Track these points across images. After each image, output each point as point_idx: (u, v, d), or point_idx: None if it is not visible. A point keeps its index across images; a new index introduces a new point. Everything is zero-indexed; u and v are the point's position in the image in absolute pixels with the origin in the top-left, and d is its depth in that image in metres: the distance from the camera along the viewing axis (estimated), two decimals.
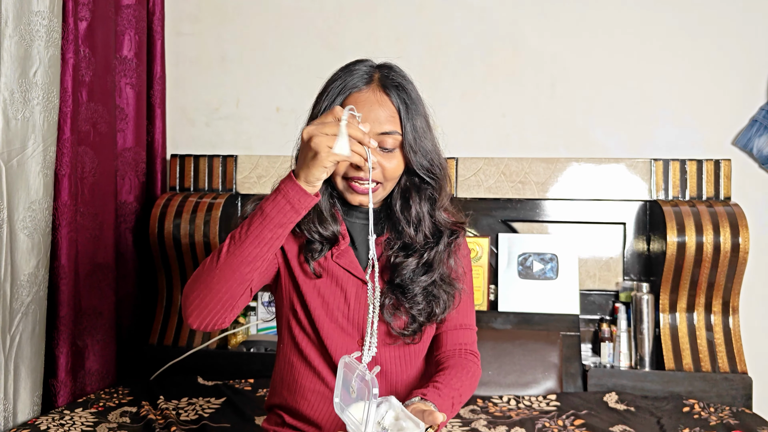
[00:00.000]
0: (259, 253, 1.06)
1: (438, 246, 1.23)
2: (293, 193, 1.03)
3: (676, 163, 2.27)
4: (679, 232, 2.10)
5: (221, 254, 1.07)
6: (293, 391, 1.24)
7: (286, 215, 1.04)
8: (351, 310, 1.21)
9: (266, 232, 1.05)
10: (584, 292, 2.31)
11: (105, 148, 2.22)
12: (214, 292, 1.08)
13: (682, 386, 2.06)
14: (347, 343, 1.20)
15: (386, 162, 1.17)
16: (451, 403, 1.13)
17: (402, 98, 1.18)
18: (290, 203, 1.03)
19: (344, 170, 1.17)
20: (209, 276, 1.08)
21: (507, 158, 2.35)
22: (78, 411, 1.83)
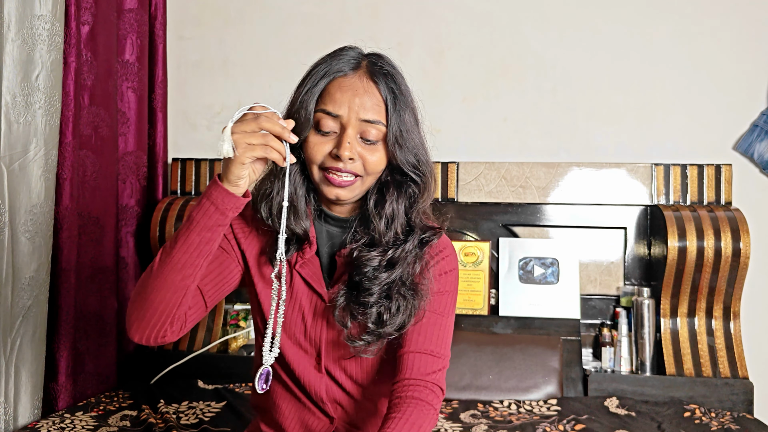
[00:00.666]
0: (188, 259, 1.00)
1: (405, 244, 1.12)
2: (216, 194, 0.98)
3: (677, 167, 2.27)
4: (680, 237, 2.10)
5: (154, 264, 1.02)
6: (265, 399, 1.25)
7: (212, 218, 0.99)
8: (308, 328, 1.16)
9: (193, 236, 0.99)
10: (585, 296, 2.31)
11: (106, 152, 2.22)
12: (149, 302, 1.02)
13: (682, 391, 2.05)
14: (305, 361, 1.17)
15: (368, 154, 1.08)
16: None
17: (390, 87, 1.09)
18: (215, 205, 0.98)
19: (322, 160, 1.09)
20: (143, 287, 1.03)
21: (508, 163, 2.35)
22: (78, 414, 1.83)
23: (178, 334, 1.08)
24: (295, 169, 1.13)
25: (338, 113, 1.08)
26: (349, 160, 1.07)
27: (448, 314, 1.17)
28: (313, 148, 1.09)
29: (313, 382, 1.17)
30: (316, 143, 1.09)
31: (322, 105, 1.09)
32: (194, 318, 1.10)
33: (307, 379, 1.17)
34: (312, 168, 1.10)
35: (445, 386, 1.14)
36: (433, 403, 1.09)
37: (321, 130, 1.09)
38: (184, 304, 1.04)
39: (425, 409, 1.07)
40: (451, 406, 1.99)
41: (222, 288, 1.15)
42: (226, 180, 0.98)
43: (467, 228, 2.37)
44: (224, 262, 1.15)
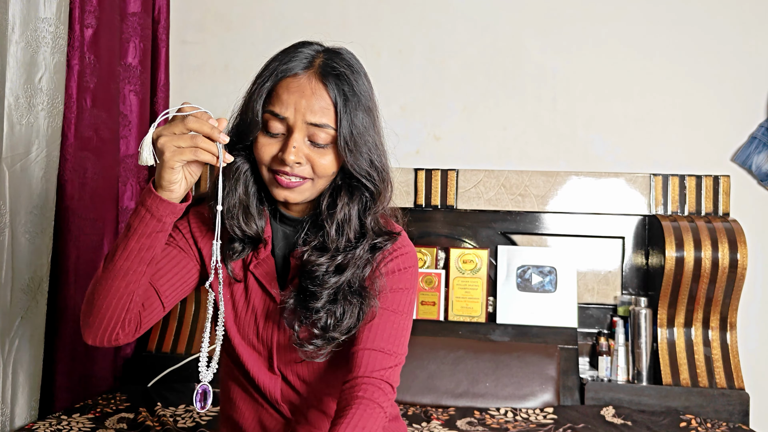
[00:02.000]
0: (129, 266, 0.99)
1: (356, 250, 1.11)
2: (150, 200, 0.96)
3: (675, 178, 2.28)
4: (677, 247, 2.10)
5: (98, 270, 1.02)
6: (226, 398, 1.25)
7: (149, 225, 0.97)
8: (261, 330, 1.16)
9: (132, 244, 0.98)
10: (582, 305, 2.32)
11: (107, 155, 2.23)
12: (96, 308, 1.02)
13: (678, 401, 2.06)
14: (259, 362, 1.17)
15: (317, 157, 1.06)
16: None
17: (341, 89, 1.05)
18: (150, 212, 0.96)
19: (269, 162, 1.07)
20: (91, 293, 1.03)
21: (507, 171, 2.36)
22: (75, 416, 1.83)
23: (133, 336, 1.07)
24: (246, 168, 1.11)
25: (284, 115, 1.05)
26: (296, 164, 1.05)
27: (402, 312, 1.14)
28: (261, 149, 1.07)
29: (268, 383, 1.18)
30: (263, 144, 1.07)
31: (269, 106, 1.06)
32: (150, 319, 1.09)
33: (262, 380, 1.17)
34: (261, 169, 1.09)
35: (397, 383, 1.12)
36: (380, 402, 1.06)
37: (269, 132, 1.06)
38: (132, 308, 1.03)
39: (372, 409, 1.04)
40: (447, 413, 2.00)
41: (180, 288, 1.14)
42: (159, 186, 0.96)
43: (466, 235, 2.38)
44: (181, 261, 1.14)
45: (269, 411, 1.21)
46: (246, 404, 1.21)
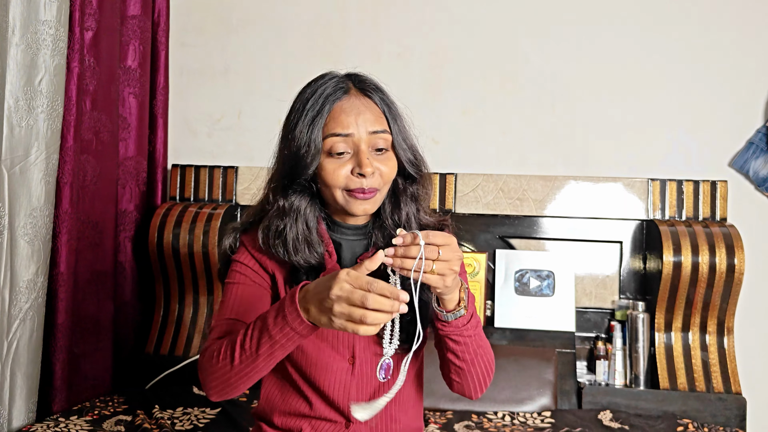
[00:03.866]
0: (271, 364, 1.06)
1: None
2: (302, 328, 0.99)
3: (673, 183, 2.29)
4: (675, 252, 2.11)
5: (234, 361, 1.05)
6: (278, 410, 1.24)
7: (294, 341, 1.02)
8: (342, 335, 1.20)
9: (277, 353, 1.03)
10: (580, 309, 2.32)
11: (107, 157, 2.23)
12: (235, 386, 1.09)
13: (676, 405, 2.06)
14: (336, 362, 1.19)
15: (382, 165, 1.15)
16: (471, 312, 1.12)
17: (383, 99, 1.18)
18: (299, 334, 1.00)
19: (345, 183, 1.14)
20: (226, 375, 1.07)
21: (506, 175, 2.37)
22: (73, 419, 1.83)
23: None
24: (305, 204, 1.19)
25: (349, 132, 1.13)
26: (371, 174, 1.13)
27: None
28: (333, 173, 1.14)
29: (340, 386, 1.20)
30: (335, 168, 1.14)
31: (329, 131, 1.14)
32: None
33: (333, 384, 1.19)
34: (335, 192, 1.15)
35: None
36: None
37: (334, 153, 1.14)
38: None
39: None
40: (445, 416, 2.00)
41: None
42: (315, 320, 0.97)
43: (464, 239, 2.38)
44: (263, 296, 1.22)
45: (329, 414, 1.21)
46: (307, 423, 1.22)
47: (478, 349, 1.15)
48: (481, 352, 1.16)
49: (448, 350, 1.15)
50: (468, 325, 1.11)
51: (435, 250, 0.98)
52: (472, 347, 1.14)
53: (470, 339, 1.13)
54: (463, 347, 1.13)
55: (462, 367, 1.16)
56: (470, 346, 1.14)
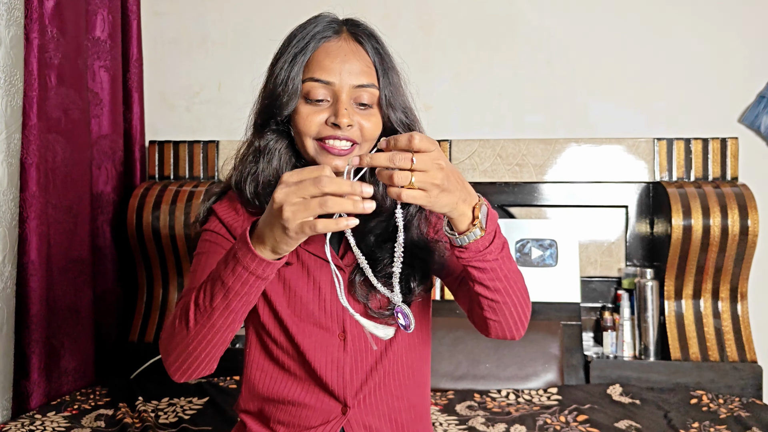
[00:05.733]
0: (232, 320, 0.93)
1: (409, 207, 1.07)
2: (255, 264, 0.87)
3: (680, 142, 2.16)
4: (684, 215, 1.99)
5: (189, 322, 0.93)
6: (265, 399, 1.11)
7: (252, 285, 0.89)
8: (328, 302, 1.07)
9: (234, 304, 0.91)
10: (585, 279, 2.21)
11: (78, 136, 2.09)
12: (194, 356, 0.96)
13: (689, 377, 1.96)
14: (326, 340, 1.07)
15: (364, 120, 1.03)
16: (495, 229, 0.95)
17: (376, 49, 1.06)
18: (254, 274, 0.88)
19: (317, 130, 1.03)
20: (183, 342, 0.95)
21: (503, 140, 2.24)
22: (50, 415, 1.72)
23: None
24: (282, 146, 1.09)
25: (330, 80, 1.02)
26: (347, 126, 1.02)
27: None
28: (307, 119, 1.03)
29: (331, 365, 1.07)
30: (308, 114, 1.03)
31: (309, 73, 1.04)
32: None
33: (323, 362, 1.07)
34: (305, 141, 1.04)
35: None
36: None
37: (311, 99, 1.03)
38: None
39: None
40: (446, 396, 1.89)
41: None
42: (270, 249, 0.86)
43: None
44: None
45: (322, 399, 1.08)
46: (298, 409, 1.09)
47: (509, 275, 0.97)
48: (513, 277, 0.98)
49: (475, 282, 0.96)
50: (491, 248, 0.93)
51: (407, 159, 0.82)
52: (502, 272, 0.96)
53: (497, 263, 0.95)
54: (491, 274, 0.95)
55: (496, 300, 0.97)
56: (499, 272, 0.95)
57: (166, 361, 0.99)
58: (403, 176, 0.82)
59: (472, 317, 1.07)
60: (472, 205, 0.91)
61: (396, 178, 0.82)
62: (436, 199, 0.85)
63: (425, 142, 0.83)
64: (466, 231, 0.92)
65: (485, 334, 1.06)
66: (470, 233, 0.91)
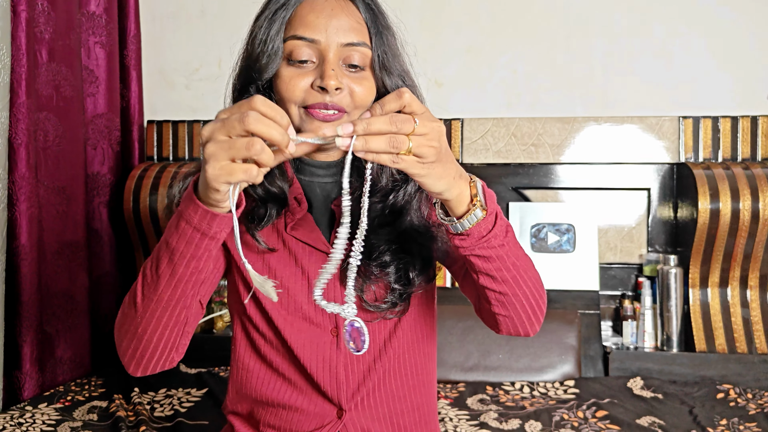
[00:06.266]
0: (181, 294, 0.82)
1: (407, 186, 0.96)
2: (197, 216, 0.75)
3: (707, 120, 2.03)
4: (712, 198, 1.87)
5: (136, 298, 0.83)
6: (254, 401, 1.01)
7: (200, 245, 0.77)
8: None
9: (181, 270, 0.79)
10: (604, 265, 2.10)
11: (71, 114, 1.99)
12: (145, 341, 0.85)
13: (714, 370, 1.85)
14: (317, 337, 0.96)
15: (355, 84, 0.91)
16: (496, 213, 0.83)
17: (368, 4, 0.94)
18: (197, 229, 0.76)
19: (302, 96, 0.90)
20: (132, 325, 0.85)
21: (518, 118, 2.12)
22: (41, 407, 1.64)
23: (183, 352, 0.91)
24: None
25: (315, 38, 0.90)
26: (335, 90, 0.89)
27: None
28: (290, 82, 0.90)
29: (324, 363, 0.96)
30: (292, 77, 0.90)
31: (292, 31, 0.91)
32: (194, 325, 0.91)
33: (315, 360, 0.96)
34: (290, 108, 0.92)
35: None
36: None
37: (294, 60, 0.91)
38: (186, 330, 0.88)
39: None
40: (457, 389, 1.80)
41: (215, 281, 0.97)
42: (203, 198, 0.75)
43: None
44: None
45: (315, 401, 0.98)
46: (287, 413, 0.99)
47: (517, 262, 0.85)
48: (522, 265, 0.86)
49: (480, 273, 0.85)
50: (495, 231, 0.82)
51: (409, 121, 0.71)
52: (509, 260, 0.84)
53: (503, 249, 0.83)
54: (498, 263, 0.84)
55: (505, 292, 0.86)
56: (506, 260, 0.84)
57: (119, 350, 0.89)
58: (401, 140, 0.70)
59: (479, 312, 0.96)
60: (466, 181, 0.80)
61: (394, 142, 0.70)
62: (431, 169, 0.74)
63: (416, 101, 0.72)
64: (466, 213, 0.80)
65: (495, 330, 0.94)
66: (470, 215, 0.80)
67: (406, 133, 0.71)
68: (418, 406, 1.01)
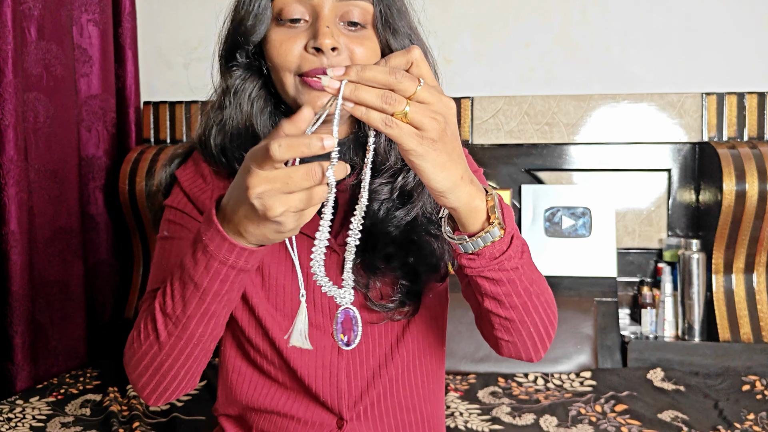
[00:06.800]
0: (214, 326, 0.74)
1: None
2: (234, 255, 0.67)
3: (732, 97, 1.93)
4: (738, 179, 1.77)
5: (160, 336, 0.74)
6: (245, 406, 0.91)
7: (234, 281, 0.70)
8: (316, 291, 0.86)
9: (213, 307, 0.72)
10: (622, 251, 2.00)
11: (63, 95, 1.91)
12: (171, 377, 0.78)
13: (739, 360, 1.76)
14: (314, 340, 0.84)
15: (355, 45, 0.80)
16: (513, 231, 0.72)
17: None
18: (235, 267, 0.68)
19: (296, 62, 0.80)
20: (156, 361, 0.76)
21: (531, 96, 2.02)
22: (33, 401, 1.58)
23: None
24: (254, 86, 0.86)
25: None
26: (332, 51, 0.78)
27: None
28: (281, 47, 0.80)
29: (321, 369, 0.87)
30: (283, 40, 0.80)
31: None
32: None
33: (310, 366, 0.87)
34: (283, 77, 0.81)
35: None
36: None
37: (285, 19, 0.81)
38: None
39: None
40: (467, 381, 1.72)
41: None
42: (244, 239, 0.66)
43: (484, 174, 2.05)
44: None
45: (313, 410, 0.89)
46: (274, 402, 0.90)
47: (530, 287, 0.75)
48: (535, 290, 0.76)
49: (486, 296, 0.74)
50: (509, 252, 0.71)
51: (413, 80, 0.60)
52: (522, 285, 0.74)
53: (516, 273, 0.73)
54: (508, 287, 0.73)
55: (511, 318, 0.76)
56: (518, 284, 0.74)
57: (135, 384, 0.81)
58: (396, 99, 0.60)
59: (480, 326, 0.86)
60: (481, 191, 0.68)
61: (388, 98, 0.59)
62: (431, 148, 0.62)
63: (426, 65, 0.62)
64: (480, 232, 0.69)
65: (495, 350, 0.85)
66: (485, 234, 0.69)
67: (406, 93, 0.60)
68: (427, 417, 0.92)
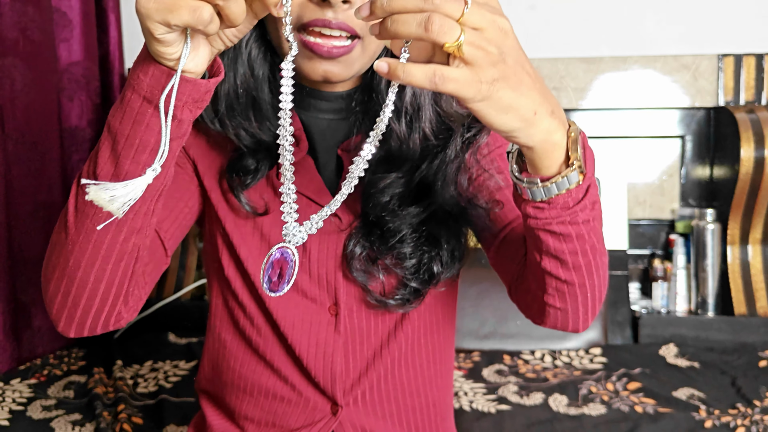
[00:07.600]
0: (130, 210, 0.60)
1: (446, 151, 0.73)
2: (148, 78, 0.53)
3: (750, 58, 1.83)
4: (756, 145, 1.67)
5: (68, 217, 0.61)
6: (230, 385, 0.84)
7: (150, 122, 0.54)
8: (314, 261, 0.78)
9: (126, 163, 0.56)
10: (632, 222, 1.92)
11: (41, 61, 1.80)
12: (78, 281, 0.63)
13: (756, 335, 1.68)
14: (311, 315, 0.79)
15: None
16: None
17: None
18: (149, 100, 0.54)
19: (297, 12, 0.68)
20: (60, 257, 0.63)
21: (537, 59, 1.92)
22: (14, 383, 1.50)
23: (136, 309, 0.70)
24: (249, 38, 0.75)
25: None
26: (342, 3, 0.66)
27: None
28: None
29: (318, 348, 0.79)
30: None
31: None
32: (154, 276, 0.72)
33: (307, 344, 0.78)
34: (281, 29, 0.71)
35: None
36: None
37: None
38: (136, 270, 0.65)
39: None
40: (471, 359, 1.64)
41: (184, 224, 0.78)
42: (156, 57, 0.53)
43: None
44: (179, 180, 0.78)
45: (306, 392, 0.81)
46: (266, 397, 0.82)
47: (597, 245, 0.65)
48: (600, 248, 0.66)
49: (546, 254, 0.64)
50: (585, 202, 0.60)
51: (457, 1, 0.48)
52: (589, 242, 0.63)
53: (587, 227, 0.62)
54: (575, 244, 0.62)
55: (571, 281, 0.66)
56: (587, 241, 0.63)
57: (45, 299, 0.68)
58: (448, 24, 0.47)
59: (517, 296, 0.77)
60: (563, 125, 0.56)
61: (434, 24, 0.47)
62: (491, 89, 0.50)
63: None
64: (555, 176, 0.57)
65: (536, 321, 0.75)
66: (562, 179, 0.57)
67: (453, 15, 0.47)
68: (434, 402, 0.84)
